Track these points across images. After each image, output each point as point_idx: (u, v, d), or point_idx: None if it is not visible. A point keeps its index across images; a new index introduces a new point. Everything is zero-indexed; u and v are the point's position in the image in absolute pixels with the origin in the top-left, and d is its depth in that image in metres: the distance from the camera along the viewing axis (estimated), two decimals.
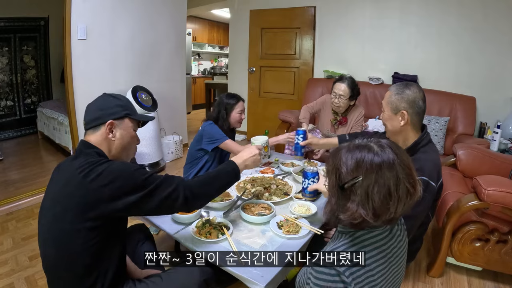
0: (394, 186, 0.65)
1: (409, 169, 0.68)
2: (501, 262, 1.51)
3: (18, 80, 4.01)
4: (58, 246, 0.85)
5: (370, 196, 0.65)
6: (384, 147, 0.68)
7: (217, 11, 6.15)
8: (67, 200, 0.83)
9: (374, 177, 0.65)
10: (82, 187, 0.81)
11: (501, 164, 1.85)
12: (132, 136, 1.02)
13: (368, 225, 0.69)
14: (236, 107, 1.93)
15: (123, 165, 0.88)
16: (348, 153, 0.69)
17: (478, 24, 2.78)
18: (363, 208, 0.66)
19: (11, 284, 1.52)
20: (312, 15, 3.57)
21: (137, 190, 0.85)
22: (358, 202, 0.67)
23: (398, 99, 1.32)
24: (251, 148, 1.21)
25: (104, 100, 0.99)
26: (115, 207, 0.82)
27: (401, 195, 0.66)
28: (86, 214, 0.81)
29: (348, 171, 0.68)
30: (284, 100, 3.90)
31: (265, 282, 0.92)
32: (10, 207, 2.24)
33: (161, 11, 3.22)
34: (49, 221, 0.86)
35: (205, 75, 7.32)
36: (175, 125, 3.59)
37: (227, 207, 1.37)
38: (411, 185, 0.67)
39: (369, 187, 0.65)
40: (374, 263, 0.70)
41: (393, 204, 0.65)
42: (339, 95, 2.20)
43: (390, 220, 0.68)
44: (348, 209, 0.68)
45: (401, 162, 0.67)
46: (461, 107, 2.72)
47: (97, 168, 0.83)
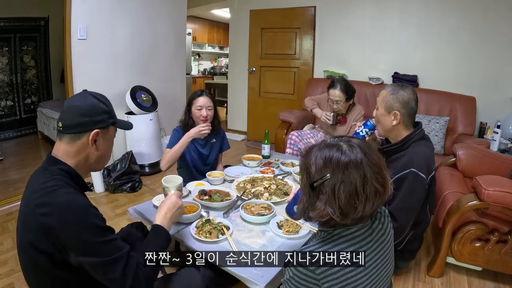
0: (361, 185, 0.65)
1: (379, 168, 0.68)
2: (501, 262, 1.51)
3: (18, 80, 4.02)
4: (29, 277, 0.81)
5: (336, 195, 0.66)
6: (353, 147, 0.68)
7: (217, 11, 6.15)
8: (25, 223, 0.77)
9: (341, 176, 0.66)
10: (33, 215, 0.74)
11: (501, 164, 1.85)
12: (111, 144, 0.94)
13: (337, 223, 0.69)
14: (195, 102, 1.77)
15: (78, 212, 0.74)
16: (318, 151, 0.70)
17: (478, 25, 2.78)
18: (330, 207, 0.67)
19: (11, 284, 1.52)
20: (312, 15, 3.57)
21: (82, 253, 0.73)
22: (326, 200, 0.67)
23: (392, 99, 1.35)
24: (170, 199, 1.04)
25: (89, 103, 0.86)
26: (60, 252, 0.74)
27: (369, 194, 0.66)
28: (37, 246, 0.74)
29: (317, 170, 0.68)
30: (284, 100, 3.90)
31: (265, 282, 0.92)
32: (10, 207, 2.24)
33: (161, 11, 3.22)
34: (19, 244, 0.81)
35: (205, 75, 7.33)
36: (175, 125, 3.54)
37: (227, 207, 1.37)
38: (380, 184, 0.67)
39: (336, 186, 0.66)
40: None
41: (361, 203, 0.66)
42: (336, 101, 2.25)
43: (360, 218, 0.68)
44: (317, 207, 0.69)
45: (369, 161, 0.67)
46: (461, 107, 2.72)
47: (51, 201, 0.74)
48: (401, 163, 1.30)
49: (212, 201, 1.37)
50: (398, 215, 1.26)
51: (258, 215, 1.25)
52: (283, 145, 2.90)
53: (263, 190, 1.51)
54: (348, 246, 0.70)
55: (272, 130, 2.94)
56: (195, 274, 1.01)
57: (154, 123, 2.96)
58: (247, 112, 4.21)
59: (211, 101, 1.80)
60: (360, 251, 0.70)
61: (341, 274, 0.67)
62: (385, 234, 0.77)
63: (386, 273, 0.77)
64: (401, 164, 1.29)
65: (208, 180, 1.65)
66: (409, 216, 1.28)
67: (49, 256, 0.74)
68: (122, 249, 0.79)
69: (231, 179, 1.68)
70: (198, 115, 1.78)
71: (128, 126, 1.01)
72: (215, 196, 1.39)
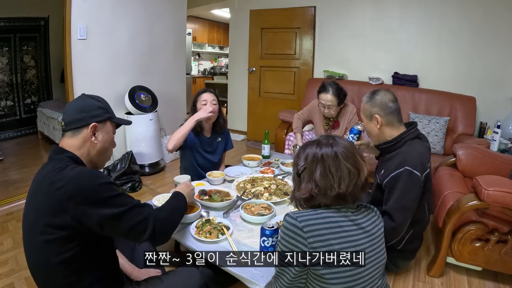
0: (333, 166, 0.82)
1: (351, 154, 0.85)
2: (501, 262, 1.51)
3: (18, 80, 4.01)
4: (34, 259, 0.84)
5: (313, 174, 0.84)
6: (335, 141, 0.86)
7: (217, 11, 6.15)
8: (36, 210, 0.81)
9: (316, 162, 0.84)
10: (48, 195, 0.79)
11: (501, 164, 1.85)
12: (111, 139, 1.00)
13: (319, 201, 0.84)
14: (199, 98, 1.82)
15: (90, 176, 0.82)
16: (301, 149, 0.91)
17: (478, 25, 2.78)
18: (309, 184, 0.84)
19: (11, 284, 1.52)
20: (312, 15, 3.57)
21: (101, 206, 0.79)
22: (306, 180, 0.85)
23: (369, 106, 1.42)
24: (183, 182, 1.27)
25: (85, 102, 0.96)
26: (79, 221, 0.78)
27: (342, 174, 0.82)
28: (54, 224, 0.77)
29: (300, 162, 0.88)
30: (284, 100, 3.90)
31: (265, 282, 0.92)
32: (10, 207, 2.24)
33: (161, 11, 3.22)
34: (25, 232, 0.85)
35: (205, 75, 7.32)
36: (175, 125, 3.55)
37: (227, 207, 1.37)
38: (353, 166, 0.83)
39: (312, 169, 0.84)
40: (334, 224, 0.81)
41: (336, 182, 0.82)
42: (327, 105, 2.14)
43: (338, 197, 0.83)
44: (301, 188, 0.86)
45: (342, 148, 0.84)
46: (461, 107, 2.72)
47: (63, 176, 0.79)
48: (395, 161, 1.31)
49: (212, 201, 1.37)
50: (395, 214, 1.26)
51: (258, 215, 1.25)
52: (283, 145, 2.90)
53: (263, 190, 1.51)
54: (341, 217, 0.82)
55: (272, 130, 2.94)
56: (194, 272, 1.01)
57: (154, 123, 2.96)
58: (247, 112, 4.21)
59: (214, 96, 1.85)
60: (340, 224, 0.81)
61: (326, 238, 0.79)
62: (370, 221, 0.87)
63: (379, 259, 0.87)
64: (395, 163, 1.30)
65: (208, 180, 1.65)
66: (406, 215, 1.29)
67: (66, 229, 0.78)
68: (135, 200, 0.87)
69: (231, 179, 1.68)
70: None
71: (126, 122, 1.07)
72: (215, 196, 1.39)
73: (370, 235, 0.85)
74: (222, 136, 1.97)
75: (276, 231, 1.01)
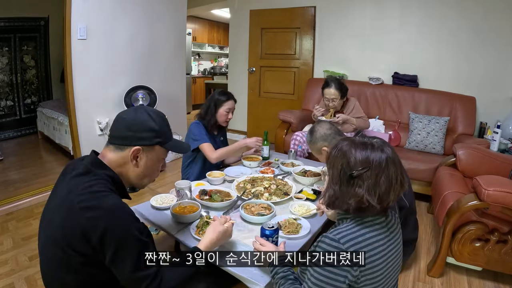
0: (395, 177, 0.75)
1: (401, 165, 0.79)
2: (501, 262, 1.51)
3: (18, 80, 4.01)
4: (51, 271, 0.81)
5: (379, 184, 0.75)
6: (385, 144, 0.78)
7: (217, 11, 6.15)
8: (59, 225, 0.76)
9: (382, 169, 0.75)
10: (75, 218, 0.74)
11: (501, 164, 1.85)
12: (156, 166, 0.92)
13: (372, 211, 0.77)
14: (225, 104, 1.88)
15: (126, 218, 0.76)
16: (353, 147, 0.78)
17: (478, 24, 2.78)
18: (370, 193, 0.75)
19: (11, 284, 1.52)
20: (312, 15, 3.57)
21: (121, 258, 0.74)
22: (367, 188, 0.75)
23: (312, 144, 1.57)
24: (226, 229, 0.98)
25: (138, 119, 0.85)
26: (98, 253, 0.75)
27: (397, 186, 0.76)
28: (73, 247, 0.74)
29: (356, 163, 0.76)
30: (284, 100, 3.90)
31: (265, 282, 0.92)
32: (10, 207, 2.24)
33: (161, 11, 3.22)
34: (43, 239, 0.83)
35: (205, 75, 7.32)
36: (175, 125, 3.56)
37: (227, 207, 1.37)
38: (402, 177, 0.78)
39: (378, 176, 0.75)
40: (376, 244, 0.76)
41: (393, 192, 0.76)
42: (332, 99, 2.41)
43: (386, 208, 0.79)
44: (357, 194, 0.75)
45: (397, 158, 0.78)
46: (461, 107, 2.72)
47: (99, 205, 0.74)
48: None
49: (212, 201, 1.37)
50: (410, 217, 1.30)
51: (258, 215, 1.25)
52: (283, 145, 2.90)
53: (263, 190, 1.51)
54: (381, 233, 0.78)
55: (272, 130, 2.94)
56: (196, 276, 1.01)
57: None
58: (247, 112, 4.20)
59: (234, 105, 1.96)
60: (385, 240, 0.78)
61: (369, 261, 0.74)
62: (396, 229, 0.84)
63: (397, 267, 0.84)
64: None
65: (208, 180, 1.65)
66: None
67: (85, 257, 0.75)
68: (152, 266, 0.78)
69: (231, 179, 1.68)
70: (225, 118, 1.92)
71: (181, 149, 0.96)
72: (215, 196, 1.39)
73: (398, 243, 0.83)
74: (224, 135, 2.06)
75: (276, 231, 1.00)
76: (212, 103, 1.89)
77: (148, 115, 0.87)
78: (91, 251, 0.74)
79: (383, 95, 3.05)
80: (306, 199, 1.46)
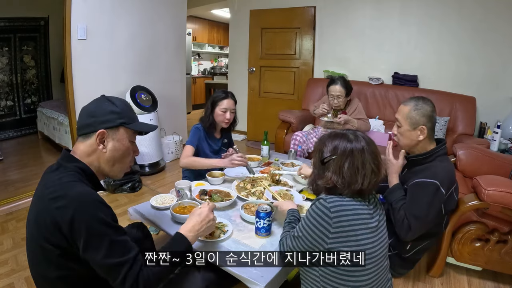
0: (361, 164, 0.87)
1: (375, 155, 0.90)
2: (501, 262, 1.51)
3: (18, 80, 4.01)
4: (35, 268, 0.82)
5: (341, 169, 0.88)
6: (358, 137, 0.90)
7: (217, 11, 6.15)
8: (35, 220, 0.77)
9: (345, 157, 0.88)
10: (47, 210, 0.74)
11: (501, 164, 1.85)
12: (127, 148, 0.90)
13: (340, 192, 0.89)
14: (220, 104, 1.77)
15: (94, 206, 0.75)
16: (328, 138, 0.93)
17: (478, 24, 2.78)
18: (336, 176, 0.88)
19: (11, 284, 1.52)
20: (312, 15, 3.57)
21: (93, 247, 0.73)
22: (333, 172, 0.89)
23: (417, 114, 1.31)
24: (202, 211, 0.96)
25: (98, 105, 0.88)
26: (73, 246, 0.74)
27: (367, 172, 0.87)
28: (50, 240, 0.74)
29: (326, 151, 0.91)
30: (284, 100, 3.90)
31: (265, 282, 0.92)
32: (10, 207, 2.24)
33: (161, 11, 3.22)
34: (28, 236, 0.83)
35: (205, 75, 7.32)
36: (175, 125, 3.58)
37: (227, 207, 1.37)
38: (376, 166, 0.89)
39: (340, 162, 0.88)
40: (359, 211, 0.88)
41: (360, 177, 0.87)
42: (337, 96, 2.41)
43: (360, 191, 0.88)
44: (325, 176, 0.91)
45: (369, 149, 0.89)
46: (461, 107, 2.72)
47: (66, 194, 0.74)
48: (424, 175, 1.25)
49: (212, 201, 1.37)
50: (410, 220, 1.20)
51: None
52: (283, 145, 2.90)
53: (263, 190, 1.51)
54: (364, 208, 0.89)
55: (272, 130, 2.94)
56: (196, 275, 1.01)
57: (154, 123, 2.96)
58: (247, 112, 4.20)
59: (234, 104, 1.82)
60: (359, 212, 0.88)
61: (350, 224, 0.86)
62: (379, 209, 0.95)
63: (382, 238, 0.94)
64: (424, 176, 1.25)
65: (208, 180, 1.65)
66: (423, 227, 1.23)
67: (61, 249, 0.75)
68: (130, 252, 0.77)
69: (231, 179, 1.68)
70: (222, 118, 1.79)
71: (147, 128, 0.95)
72: (215, 196, 1.39)
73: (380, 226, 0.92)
74: (228, 137, 2.00)
75: (269, 214, 1.12)
76: (210, 103, 1.82)
77: (108, 100, 0.89)
78: (65, 242, 0.74)
79: (383, 95, 3.05)
80: (306, 199, 1.46)
